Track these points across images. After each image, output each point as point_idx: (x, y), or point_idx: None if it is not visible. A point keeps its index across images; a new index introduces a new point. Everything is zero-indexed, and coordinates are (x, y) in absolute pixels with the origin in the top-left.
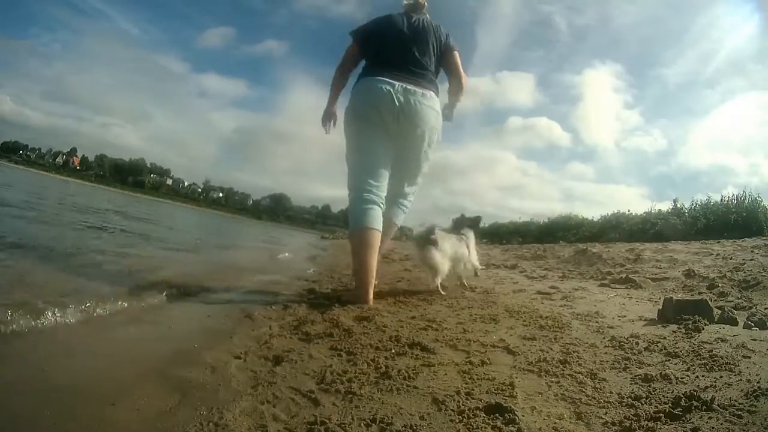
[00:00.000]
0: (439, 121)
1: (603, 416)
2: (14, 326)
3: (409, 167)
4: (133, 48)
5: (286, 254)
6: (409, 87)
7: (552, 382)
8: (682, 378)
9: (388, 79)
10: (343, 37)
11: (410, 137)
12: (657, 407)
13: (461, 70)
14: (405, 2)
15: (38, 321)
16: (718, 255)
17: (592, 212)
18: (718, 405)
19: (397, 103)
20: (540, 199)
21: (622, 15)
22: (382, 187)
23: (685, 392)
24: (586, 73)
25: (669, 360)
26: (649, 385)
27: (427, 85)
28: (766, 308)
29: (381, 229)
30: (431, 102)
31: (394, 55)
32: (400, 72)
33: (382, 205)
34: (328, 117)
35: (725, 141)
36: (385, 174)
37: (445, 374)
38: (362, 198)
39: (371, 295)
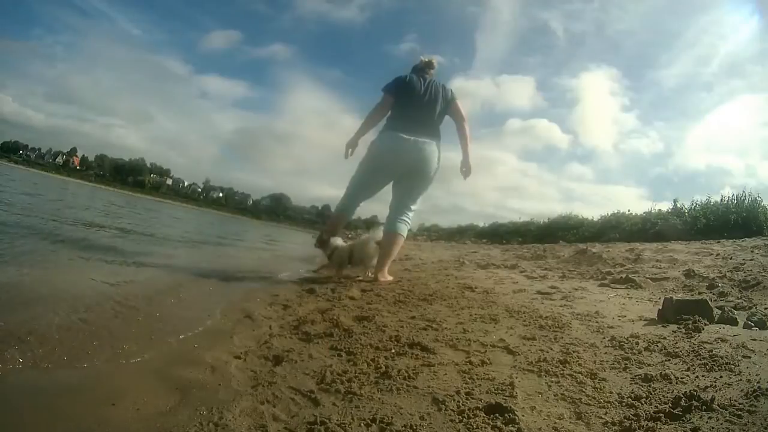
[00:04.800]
0: (437, 161)
1: (603, 416)
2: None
3: (415, 194)
4: (135, 49)
5: (284, 254)
6: (420, 139)
7: (552, 382)
8: (682, 378)
9: (407, 136)
10: (343, 40)
11: (421, 176)
12: (657, 407)
13: (463, 114)
14: (422, 58)
15: (37, 319)
16: (718, 255)
17: (592, 212)
18: (718, 405)
19: (414, 154)
20: (540, 199)
21: (618, 20)
22: (357, 204)
23: (685, 392)
24: (583, 77)
25: (669, 360)
26: (649, 385)
27: (434, 136)
28: (766, 308)
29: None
30: (435, 149)
31: (413, 114)
32: (417, 128)
33: (349, 212)
34: (352, 145)
35: (722, 143)
36: (365, 198)
37: (445, 374)
38: (341, 208)
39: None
